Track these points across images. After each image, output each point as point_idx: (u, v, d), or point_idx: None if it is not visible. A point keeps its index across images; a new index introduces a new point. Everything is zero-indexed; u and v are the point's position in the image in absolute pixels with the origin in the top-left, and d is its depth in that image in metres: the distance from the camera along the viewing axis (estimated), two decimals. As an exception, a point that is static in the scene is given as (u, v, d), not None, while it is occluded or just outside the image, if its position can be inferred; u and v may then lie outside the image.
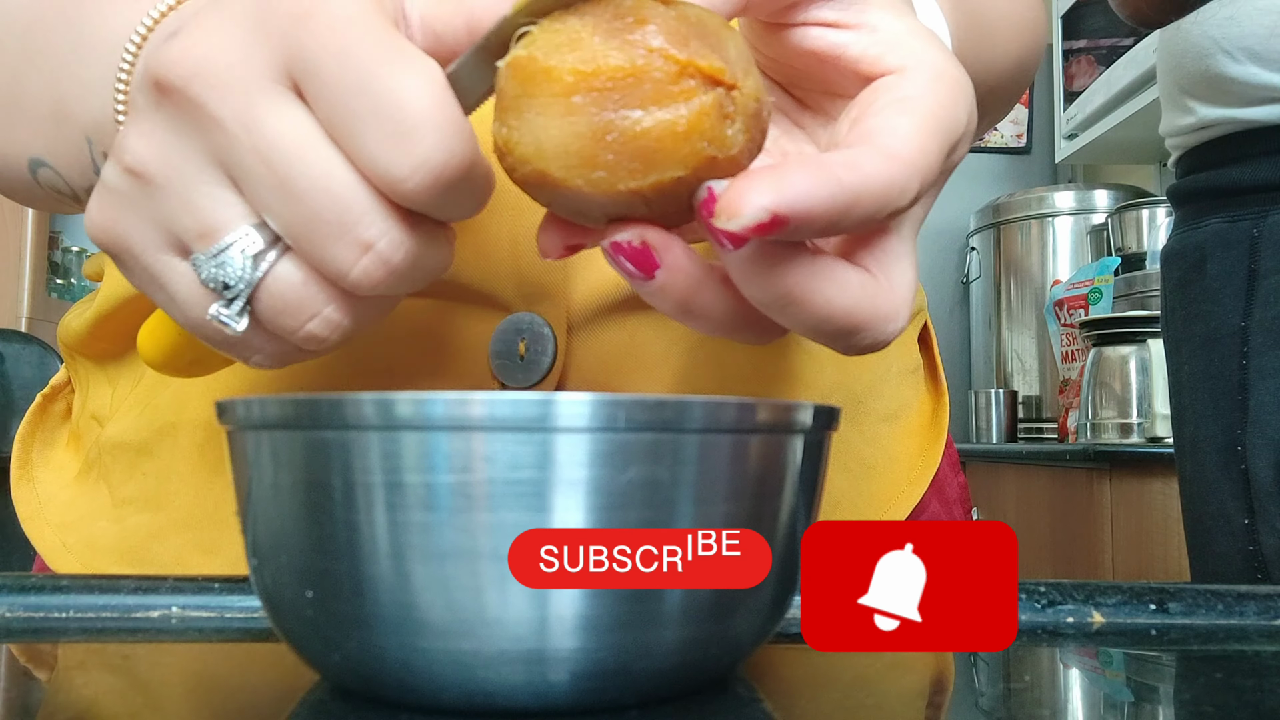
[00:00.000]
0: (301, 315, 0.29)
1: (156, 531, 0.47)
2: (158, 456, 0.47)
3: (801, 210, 0.26)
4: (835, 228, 0.27)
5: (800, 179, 0.26)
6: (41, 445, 0.53)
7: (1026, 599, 0.39)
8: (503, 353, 0.43)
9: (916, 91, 0.30)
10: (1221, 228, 1.00)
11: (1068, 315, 2.33)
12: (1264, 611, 0.39)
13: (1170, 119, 1.10)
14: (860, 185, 0.27)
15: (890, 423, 0.53)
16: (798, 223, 0.26)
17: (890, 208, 0.27)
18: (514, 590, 0.23)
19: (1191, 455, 1.03)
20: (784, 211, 0.25)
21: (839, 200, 0.26)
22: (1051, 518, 1.94)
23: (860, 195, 0.26)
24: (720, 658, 0.27)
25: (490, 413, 0.23)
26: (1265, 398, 0.92)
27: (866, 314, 0.29)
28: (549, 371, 0.43)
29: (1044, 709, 0.30)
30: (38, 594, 0.39)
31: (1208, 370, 0.99)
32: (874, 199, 0.27)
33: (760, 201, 0.25)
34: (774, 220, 0.25)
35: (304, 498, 0.25)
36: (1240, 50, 0.99)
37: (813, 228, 0.26)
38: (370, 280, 0.28)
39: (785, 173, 0.26)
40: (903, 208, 0.28)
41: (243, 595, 0.39)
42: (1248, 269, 0.96)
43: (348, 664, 0.25)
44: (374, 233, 0.27)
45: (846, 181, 0.26)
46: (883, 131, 0.28)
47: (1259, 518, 0.92)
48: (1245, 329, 0.95)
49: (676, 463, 0.24)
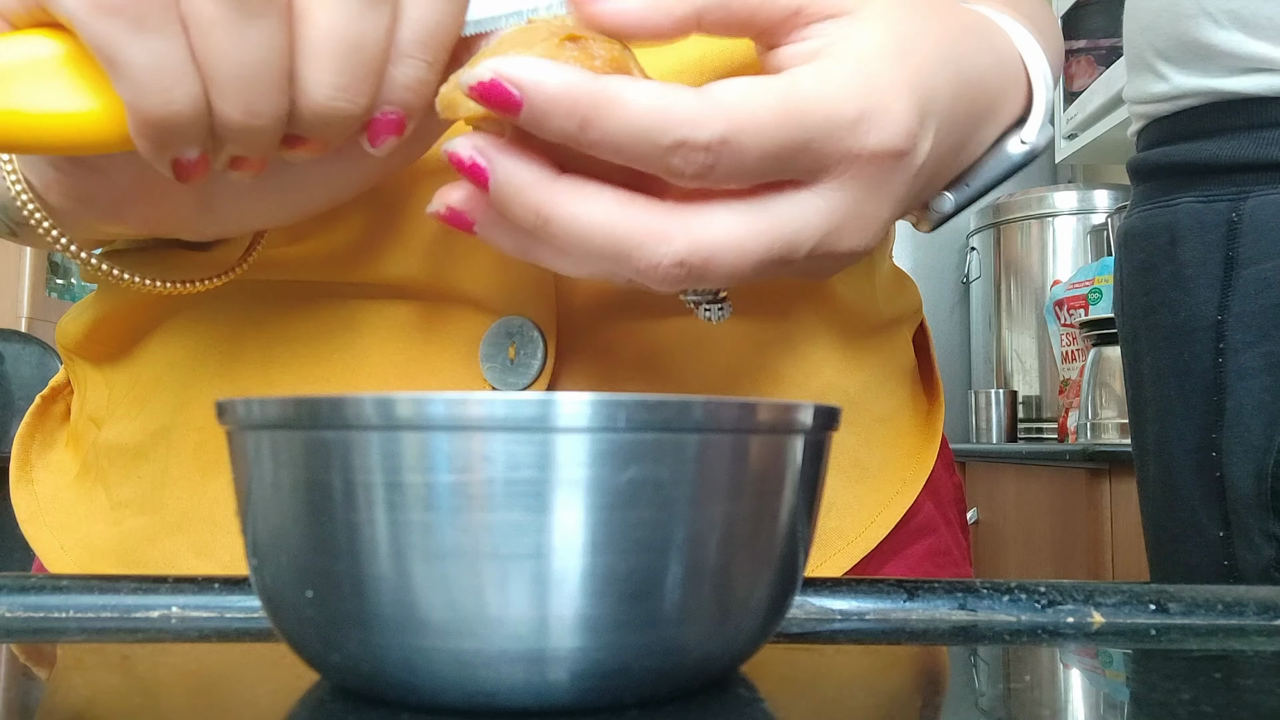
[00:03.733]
0: None
1: (152, 534, 0.47)
2: (153, 460, 0.47)
3: (530, 84, 0.29)
4: (582, 129, 0.30)
5: (548, 70, 0.30)
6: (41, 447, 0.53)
7: (1026, 599, 0.39)
8: (493, 355, 0.43)
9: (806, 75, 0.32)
10: (1195, 208, 0.88)
11: (1068, 315, 2.33)
12: (1264, 611, 0.39)
13: (1138, 84, 0.98)
14: (611, 97, 0.30)
15: (885, 424, 0.53)
16: (529, 100, 0.29)
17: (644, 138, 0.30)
18: (514, 590, 0.23)
19: (1156, 457, 0.93)
20: (508, 76, 0.29)
21: (574, 95, 0.29)
22: (1051, 518, 1.94)
23: (606, 105, 0.30)
24: (720, 658, 0.27)
25: (490, 413, 0.23)
26: (1245, 399, 0.82)
27: (623, 234, 0.31)
28: (539, 374, 0.43)
29: (1044, 709, 0.30)
30: (38, 594, 0.39)
31: (1175, 365, 0.89)
32: (620, 119, 0.30)
33: (491, 64, 0.30)
34: (494, 81, 0.29)
35: (304, 498, 0.25)
36: (1225, 14, 0.86)
37: (549, 115, 0.30)
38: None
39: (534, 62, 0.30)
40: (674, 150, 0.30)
41: (243, 595, 0.39)
42: (1224, 256, 0.85)
43: (348, 664, 0.25)
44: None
45: (596, 87, 0.30)
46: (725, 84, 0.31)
47: (1235, 531, 0.83)
48: (1221, 323, 0.85)
49: (676, 463, 0.24)
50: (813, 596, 0.40)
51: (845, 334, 0.51)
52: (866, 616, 0.39)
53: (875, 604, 0.39)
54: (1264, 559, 0.80)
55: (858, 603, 0.40)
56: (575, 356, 0.44)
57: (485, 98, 0.30)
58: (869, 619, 0.39)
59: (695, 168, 0.31)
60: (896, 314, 0.56)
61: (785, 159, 0.32)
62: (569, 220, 0.31)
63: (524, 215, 0.32)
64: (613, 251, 0.31)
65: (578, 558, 0.23)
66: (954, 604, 0.39)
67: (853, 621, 0.39)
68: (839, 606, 0.39)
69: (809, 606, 0.39)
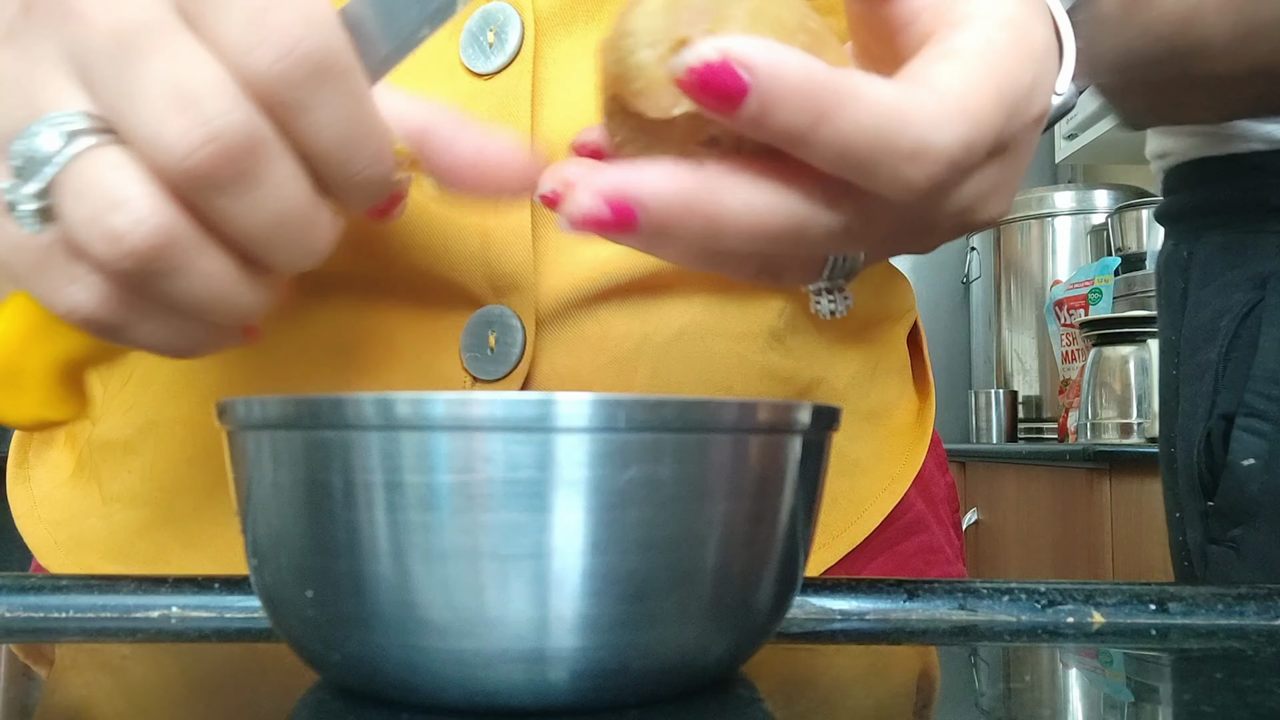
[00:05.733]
0: (105, 199, 0.26)
1: (141, 528, 0.47)
2: (142, 454, 0.48)
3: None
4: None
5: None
6: (39, 444, 0.54)
7: (1026, 599, 0.39)
8: (473, 345, 0.44)
9: (962, 44, 0.28)
10: (1166, 246, 1.03)
11: (1068, 315, 2.33)
12: (1264, 611, 0.39)
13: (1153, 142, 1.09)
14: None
15: (874, 421, 0.53)
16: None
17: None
18: (514, 590, 0.23)
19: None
20: (740, 58, 0.24)
21: (814, 85, 0.25)
22: (1051, 518, 1.94)
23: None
24: (720, 658, 0.27)
25: (490, 413, 0.23)
26: (1187, 402, 0.95)
27: (795, 206, 0.28)
28: (518, 363, 0.43)
29: (1044, 709, 0.30)
30: (37, 594, 0.39)
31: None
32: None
33: (717, 43, 0.25)
34: (723, 63, 0.25)
35: (304, 497, 0.25)
36: None
37: (781, 108, 0.25)
38: (196, 156, 0.25)
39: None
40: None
41: (243, 595, 0.39)
42: (1182, 286, 0.99)
43: (348, 664, 0.25)
44: (215, 109, 0.26)
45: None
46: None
47: (1185, 518, 0.94)
48: (1176, 340, 0.98)
49: (676, 463, 0.24)
50: (813, 596, 0.40)
51: (833, 328, 0.51)
52: (866, 616, 0.39)
53: (875, 604, 0.39)
54: (1200, 537, 0.90)
55: (858, 603, 0.40)
56: (554, 347, 0.44)
57: (705, 84, 0.25)
58: (869, 619, 0.39)
59: (928, 181, 0.27)
60: (888, 311, 0.55)
61: (995, 147, 0.29)
62: (740, 210, 0.27)
63: (690, 227, 0.27)
64: (791, 227, 0.28)
65: (577, 558, 0.23)
66: (954, 604, 0.39)
67: (853, 621, 0.39)
68: (839, 606, 0.39)
69: (809, 606, 0.39)
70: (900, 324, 0.57)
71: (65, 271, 0.28)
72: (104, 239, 0.26)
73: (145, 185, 0.26)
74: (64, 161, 0.26)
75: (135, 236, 0.26)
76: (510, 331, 0.43)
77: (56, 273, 0.28)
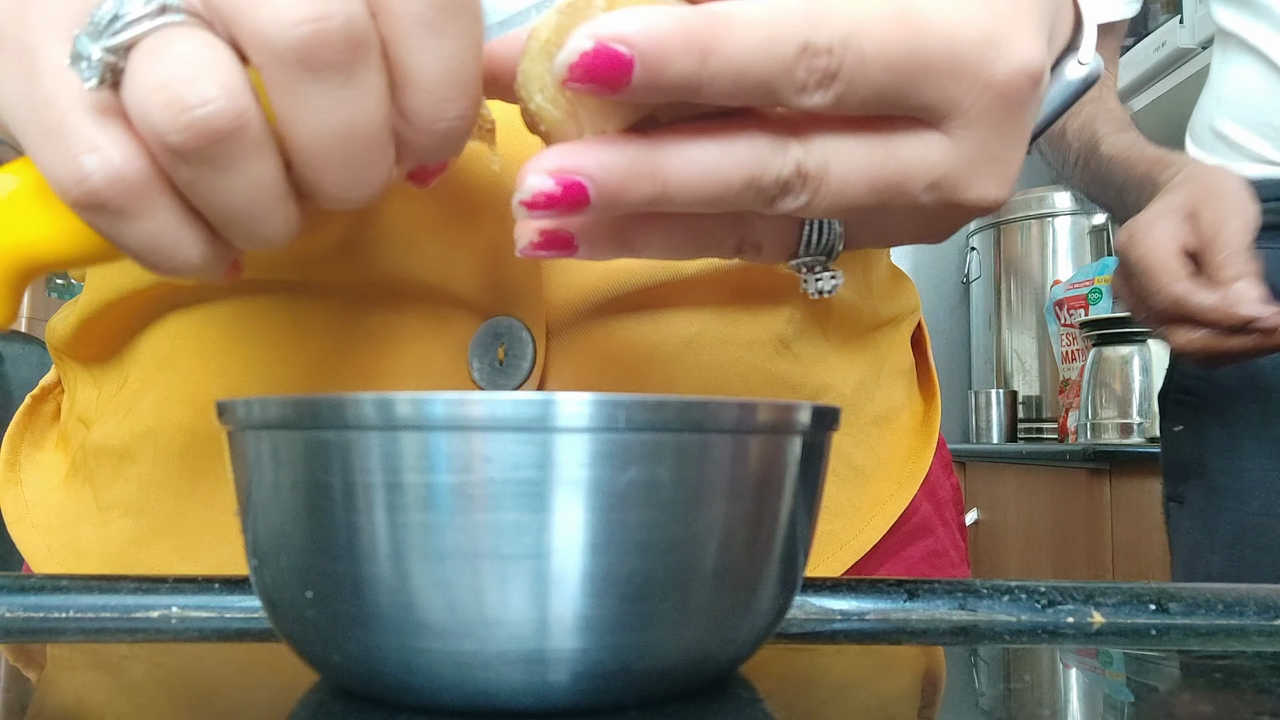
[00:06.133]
0: (184, 69, 0.25)
1: (138, 537, 0.47)
2: (139, 461, 0.47)
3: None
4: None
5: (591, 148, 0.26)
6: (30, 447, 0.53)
7: (1026, 599, 0.39)
8: (482, 356, 0.43)
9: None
10: None
11: (1068, 315, 2.33)
12: (1264, 611, 0.39)
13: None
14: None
15: (880, 425, 0.53)
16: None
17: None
18: (514, 590, 0.23)
19: None
20: (610, 35, 0.25)
21: (688, 27, 0.25)
22: (1051, 518, 1.94)
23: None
24: (720, 658, 0.27)
25: (490, 413, 0.23)
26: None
27: (744, 154, 0.28)
28: (529, 376, 0.43)
29: (1044, 709, 0.30)
30: (37, 594, 0.39)
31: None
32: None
33: (585, 30, 0.25)
34: (598, 47, 0.25)
35: (304, 498, 0.25)
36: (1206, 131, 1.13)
37: (669, 59, 0.25)
38: (300, 31, 0.24)
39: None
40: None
41: (243, 595, 0.39)
42: None
43: (348, 664, 0.25)
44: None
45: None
46: None
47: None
48: None
49: (676, 463, 0.24)
50: (813, 596, 0.40)
51: (840, 333, 0.51)
52: (866, 616, 0.39)
53: (875, 604, 0.39)
54: (1166, 497, 1.10)
55: (858, 603, 0.40)
56: (565, 357, 0.44)
57: (592, 72, 0.25)
58: (869, 619, 0.39)
59: (819, 74, 0.26)
60: (894, 314, 0.55)
61: (905, 81, 0.28)
62: (687, 167, 0.27)
63: (640, 191, 0.27)
64: (741, 177, 0.28)
65: (577, 558, 0.23)
66: (954, 604, 0.39)
67: (853, 621, 0.39)
68: (839, 606, 0.39)
69: (809, 606, 0.39)
70: (905, 325, 0.57)
71: (87, 138, 0.27)
72: (169, 107, 0.25)
73: (229, 65, 0.26)
74: (151, 27, 0.25)
75: (203, 111, 0.25)
76: (520, 344, 0.43)
77: (76, 138, 0.27)
